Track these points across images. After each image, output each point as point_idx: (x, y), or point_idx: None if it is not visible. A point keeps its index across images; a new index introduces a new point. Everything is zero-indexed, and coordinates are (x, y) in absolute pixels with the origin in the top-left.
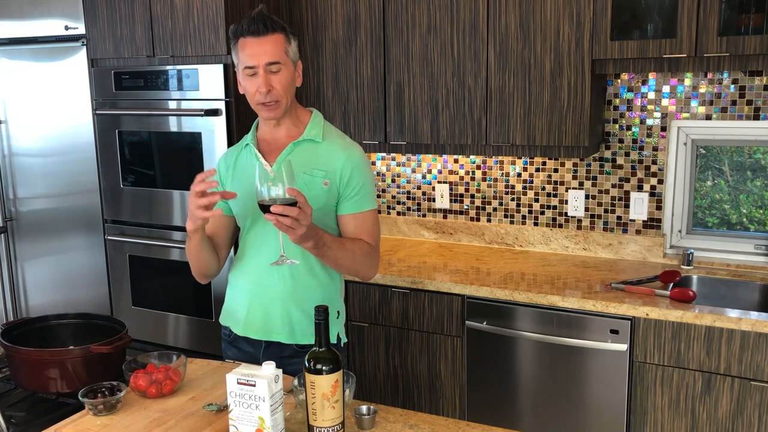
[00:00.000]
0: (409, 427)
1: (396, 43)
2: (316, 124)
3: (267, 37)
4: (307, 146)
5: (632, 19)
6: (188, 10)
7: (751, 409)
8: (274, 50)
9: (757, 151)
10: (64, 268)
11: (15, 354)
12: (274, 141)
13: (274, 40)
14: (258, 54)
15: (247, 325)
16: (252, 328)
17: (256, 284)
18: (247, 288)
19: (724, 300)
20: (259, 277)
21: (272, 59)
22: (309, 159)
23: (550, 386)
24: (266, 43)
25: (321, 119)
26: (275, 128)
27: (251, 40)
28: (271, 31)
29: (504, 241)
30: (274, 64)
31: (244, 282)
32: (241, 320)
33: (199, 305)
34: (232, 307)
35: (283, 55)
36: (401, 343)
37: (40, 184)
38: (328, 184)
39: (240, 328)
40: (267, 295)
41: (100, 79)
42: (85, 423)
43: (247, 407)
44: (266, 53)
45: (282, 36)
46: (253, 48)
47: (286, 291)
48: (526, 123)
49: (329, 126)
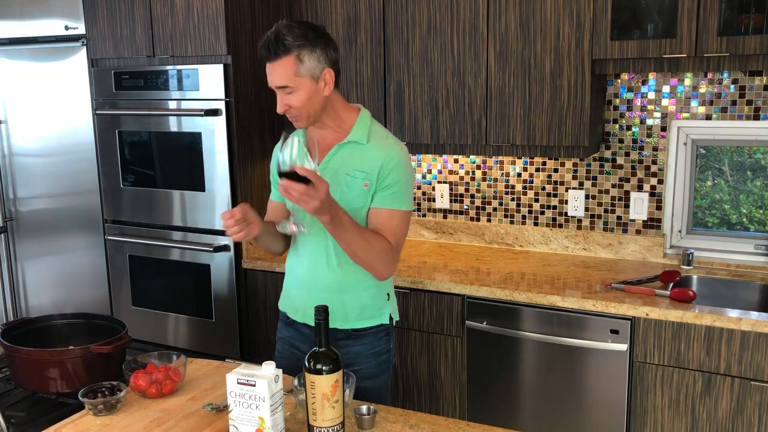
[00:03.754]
0: (409, 427)
1: (396, 43)
2: (363, 125)
3: (276, 62)
4: (351, 148)
5: (632, 19)
6: (188, 10)
7: (751, 409)
8: (282, 75)
9: (757, 151)
10: (64, 268)
11: (15, 354)
12: (322, 140)
13: (282, 64)
14: (270, 79)
15: (306, 313)
16: (310, 315)
17: (308, 272)
18: (300, 277)
19: (724, 300)
20: (310, 266)
21: (280, 84)
22: (352, 161)
23: (550, 386)
24: (276, 68)
25: (368, 119)
26: (320, 129)
27: (267, 64)
28: (277, 56)
29: (504, 241)
30: (283, 88)
31: (298, 271)
32: (298, 308)
33: (199, 305)
34: (289, 294)
35: (292, 78)
36: (401, 343)
37: (40, 184)
38: (368, 185)
39: (299, 316)
40: (320, 284)
41: (100, 79)
42: (85, 423)
43: (247, 407)
44: (275, 79)
45: (291, 57)
46: (268, 71)
47: (337, 279)
48: (526, 123)
49: (376, 126)
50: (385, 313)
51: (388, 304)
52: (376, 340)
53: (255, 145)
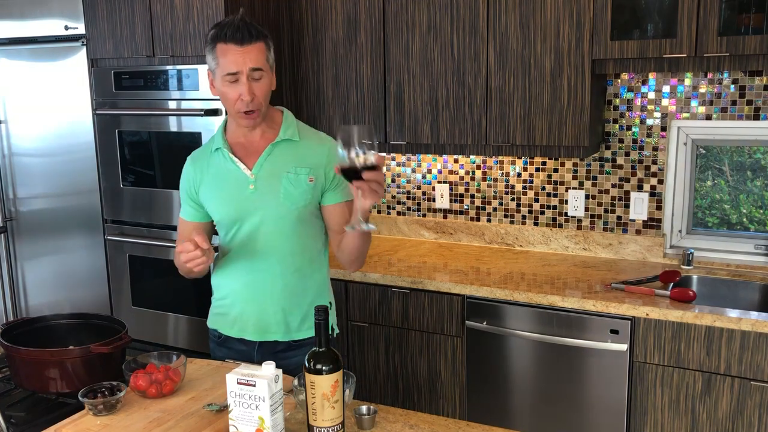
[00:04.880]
0: (409, 427)
1: (396, 43)
2: (290, 123)
3: (252, 45)
4: (285, 146)
5: (632, 19)
6: (188, 10)
7: (751, 409)
8: (258, 57)
9: (757, 151)
10: (64, 268)
11: (15, 354)
12: (249, 144)
13: (257, 48)
14: (241, 61)
15: (242, 326)
16: (247, 330)
17: (246, 286)
18: (237, 290)
19: (724, 300)
20: (249, 279)
21: (257, 65)
22: (291, 158)
23: (551, 386)
24: (252, 50)
25: (293, 118)
26: (250, 132)
27: (234, 48)
28: (255, 40)
29: (504, 241)
30: (257, 71)
31: (232, 285)
32: (233, 322)
33: (199, 305)
34: (220, 311)
35: (265, 63)
36: (401, 343)
37: (40, 184)
38: (314, 180)
39: (234, 331)
40: (259, 296)
41: (100, 79)
42: (85, 423)
43: (247, 407)
44: (251, 60)
45: (263, 44)
46: (236, 55)
47: (278, 289)
48: (526, 123)
49: (301, 124)
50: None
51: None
52: None
53: None
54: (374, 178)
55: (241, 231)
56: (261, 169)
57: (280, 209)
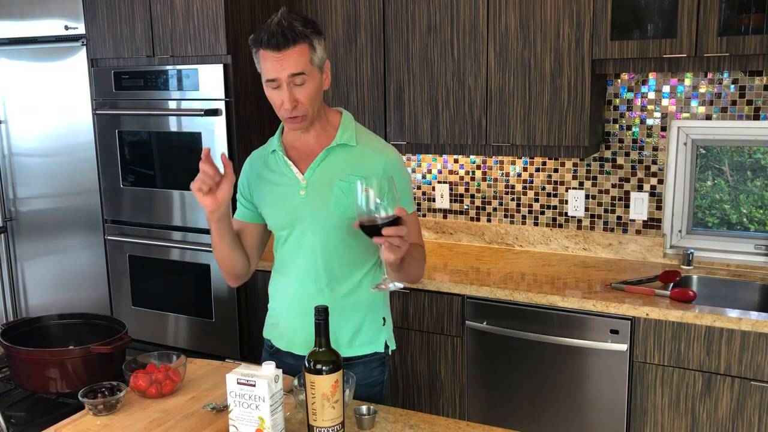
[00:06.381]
0: (409, 427)
1: (396, 43)
2: (348, 127)
3: (290, 49)
4: (340, 151)
5: (632, 19)
6: (188, 10)
7: (751, 409)
8: (297, 62)
9: (757, 151)
10: (64, 268)
11: (15, 354)
12: (303, 147)
13: (297, 52)
14: (279, 68)
15: (290, 339)
16: (295, 344)
17: (293, 298)
18: (285, 301)
19: (724, 300)
20: (296, 290)
21: (296, 71)
22: (344, 165)
23: (550, 386)
24: (291, 55)
25: (352, 121)
26: (303, 134)
27: (271, 54)
28: (292, 44)
29: (504, 241)
30: (297, 76)
31: (284, 295)
32: (282, 335)
33: (199, 305)
34: (274, 320)
35: (307, 65)
36: (401, 343)
37: (40, 184)
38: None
39: (283, 343)
40: (307, 309)
41: (100, 79)
42: (85, 423)
43: (247, 407)
44: (289, 66)
45: (305, 45)
46: (274, 62)
47: (326, 301)
48: (526, 123)
49: (361, 128)
50: (380, 340)
51: (383, 329)
52: (369, 370)
53: (254, 145)
54: (395, 233)
55: (291, 238)
56: (313, 175)
57: (329, 218)
